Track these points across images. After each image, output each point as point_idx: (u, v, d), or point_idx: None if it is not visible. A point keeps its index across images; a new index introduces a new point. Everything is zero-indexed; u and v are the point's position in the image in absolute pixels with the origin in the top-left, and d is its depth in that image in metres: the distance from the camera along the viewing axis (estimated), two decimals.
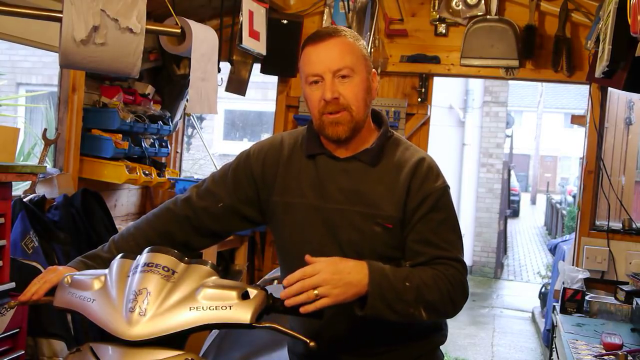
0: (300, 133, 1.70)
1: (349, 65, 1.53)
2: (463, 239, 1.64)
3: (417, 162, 1.59)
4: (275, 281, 2.33)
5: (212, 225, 1.70)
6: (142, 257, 1.35)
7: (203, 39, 2.82)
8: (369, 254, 1.54)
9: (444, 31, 3.67)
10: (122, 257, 1.42)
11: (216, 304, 1.29)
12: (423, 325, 1.66)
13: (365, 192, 1.58)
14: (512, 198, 15.45)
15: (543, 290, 6.52)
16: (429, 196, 1.55)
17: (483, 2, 3.52)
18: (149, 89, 3.64)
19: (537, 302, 6.91)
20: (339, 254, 1.55)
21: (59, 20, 1.94)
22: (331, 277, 1.35)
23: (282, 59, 3.75)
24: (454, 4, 3.59)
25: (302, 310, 1.32)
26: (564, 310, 3.05)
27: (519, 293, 8.50)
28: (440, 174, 1.60)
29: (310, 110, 1.59)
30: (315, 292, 1.33)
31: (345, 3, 3.60)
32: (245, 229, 1.81)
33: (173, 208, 1.71)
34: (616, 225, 3.41)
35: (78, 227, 2.82)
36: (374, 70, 1.63)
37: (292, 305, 1.32)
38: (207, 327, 1.31)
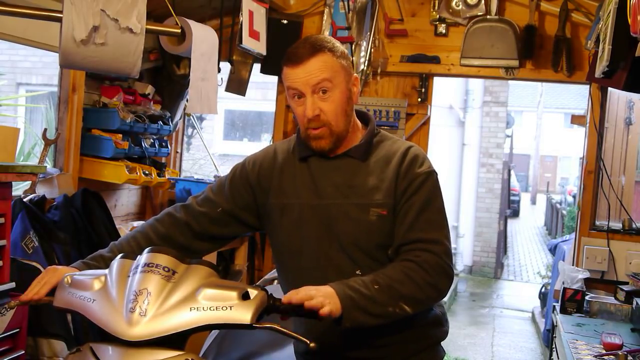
0: (292, 140, 1.77)
1: (327, 78, 1.59)
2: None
3: (404, 151, 1.66)
4: (275, 281, 2.33)
5: (212, 229, 1.75)
6: (143, 258, 1.35)
7: (203, 39, 2.82)
8: (366, 244, 1.61)
9: (444, 31, 3.67)
10: (122, 257, 1.42)
11: (216, 304, 1.29)
12: (423, 321, 1.68)
13: (358, 185, 1.64)
14: (512, 198, 15.46)
15: (543, 290, 6.51)
16: (414, 180, 1.61)
17: (483, 2, 3.52)
18: (149, 89, 3.64)
19: (537, 302, 6.91)
20: (337, 247, 1.62)
21: (59, 20, 1.94)
22: (317, 290, 1.40)
23: (282, 59, 3.74)
24: (454, 4, 3.59)
25: (307, 304, 1.34)
26: (564, 310, 3.05)
27: (519, 293, 8.50)
28: (425, 161, 1.66)
29: (297, 121, 1.67)
30: (314, 300, 1.37)
31: (345, 3, 3.60)
32: (244, 233, 1.87)
33: (174, 213, 1.76)
34: (616, 225, 3.41)
35: (78, 227, 2.82)
36: (355, 75, 1.68)
37: (290, 302, 1.35)
38: (208, 328, 1.31)
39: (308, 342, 1.31)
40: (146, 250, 1.38)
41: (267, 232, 1.77)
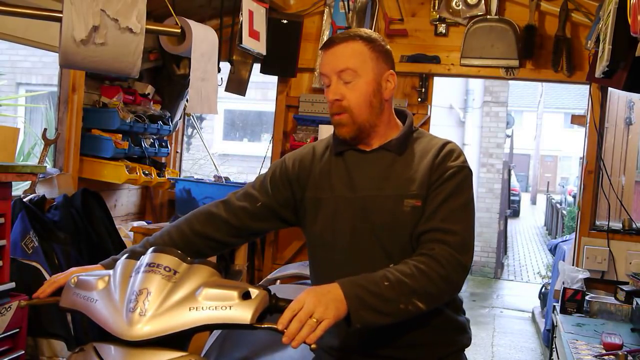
0: (330, 137, 1.77)
1: (352, 67, 1.59)
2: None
3: (441, 146, 1.65)
4: (278, 281, 2.33)
5: (250, 224, 1.75)
6: (146, 258, 1.35)
7: (203, 38, 2.82)
8: (401, 235, 1.59)
9: (444, 31, 3.67)
10: (126, 258, 1.41)
11: (216, 304, 1.28)
12: (450, 325, 1.67)
13: (393, 177, 1.63)
14: (512, 198, 15.44)
15: (543, 290, 6.51)
16: (445, 172, 1.60)
17: (483, 2, 3.52)
18: (149, 89, 3.64)
19: (537, 302, 6.91)
20: (372, 239, 1.60)
21: (59, 20, 1.94)
22: (318, 301, 1.35)
23: (282, 59, 3.75)
24: (454, 3, 3.59)
25: (309, 341, 1.29)
26: (564, 310, 3.05)
27: (519, 293, 8.50)
28: (461, 156, 1.64)
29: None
30: (314, 319, 1.32)
31: (345, 3, 3.60)
32: (280, 228, 1.88)
33: (212, 209, 1.76)
34: (616, 225, 3.41)
35: (78, 227, 2.82)
36: (391, 71, 1.66)
37: (300, 344, 1.30)
38: (208, 328, 1.30)
39: (309, 343, 1.30)
40: (150, 250, 1.38)
41: (303, 226, 1.76)
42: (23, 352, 2.27)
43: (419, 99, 3.71)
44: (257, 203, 1.74)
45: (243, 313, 1.28)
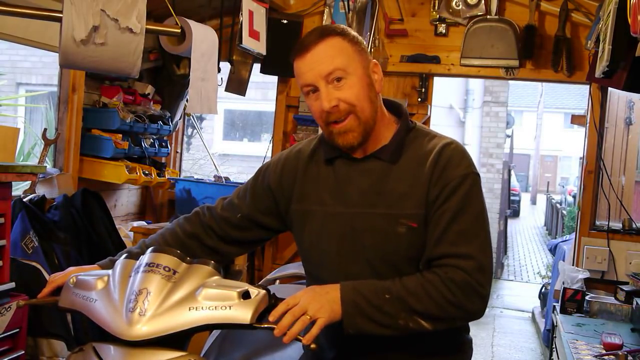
0: (318, 139, 1.64)
1: (340, 66, 1.44)
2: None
3: (440, 149, 1.48)
4: (278, 281, 2.33)
5: (233, 234, 1.69)
6: (145, 258, 1.35)
7: (203, 38, 2.82)
8: (395, 258, 1.48)
9: (444, 31, 3.67)
10: (125, 258, 1.41)
11: (216, 304, 1.28)
12: (454, 347, 1.60)
13: (387, 192, 1.49)
14: (512, 198, 15.42)
15: (543, 290, 6.51)
16: (447, 185, 1.44)
17: (483, 2, 3.52)
18: (149, 89, 3.64)
19: (537, 302, 6.90)
20: (362, 262, 1.51)
21: (59, 20, 1.94)
22: (314, 299, 1.33)
23: (282, 59, 3.71)
24: (454, 3, 3.59)
25: (305, 340, 1.29)
26: (564, 310, 3.05)
27: (519, 293, 8.49)
28: (464, 160, 1.48)
29: (316, 121, 1.52)
30: (307, 316, 1.30)
31: (345, 3, 3.60)
32: (270, 237, 1.78)
33: (200, 214, 1.73)
34: (616, 225, 3.41)
35: (78, 227, 2.82)
36: (374, 61, 1.53)
37: (292, 339, 1.29)
38: (207, 328, 1.30)
39: (309, 344, 1.30)
40: (149, 250, 1.38)
41: (293, 236, 1.69)
42: (23, 352, 2.27)
43: (419, 99, 3.71)
44: (237, 214, 1.67)
45: (243, 313, 1.28)
